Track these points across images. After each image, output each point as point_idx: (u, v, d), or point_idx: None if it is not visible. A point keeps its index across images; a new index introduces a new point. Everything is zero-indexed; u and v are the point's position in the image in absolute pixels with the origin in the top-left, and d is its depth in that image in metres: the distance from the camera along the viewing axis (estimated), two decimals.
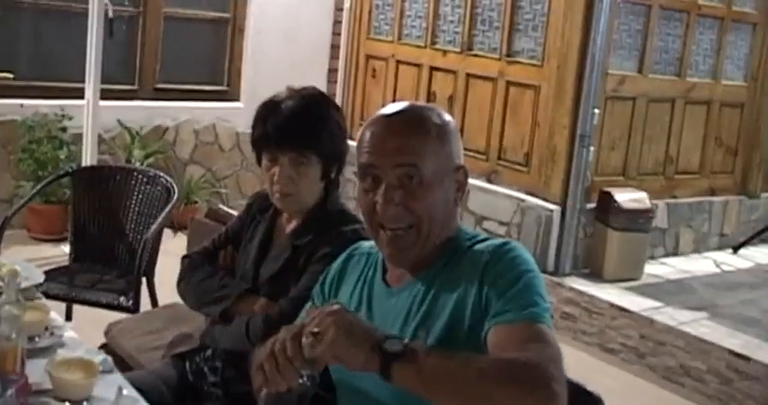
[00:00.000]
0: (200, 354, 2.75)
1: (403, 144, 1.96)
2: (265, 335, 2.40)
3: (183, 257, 2.87)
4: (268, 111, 2.61)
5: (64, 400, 1.98)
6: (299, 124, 2.56)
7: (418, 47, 7.21)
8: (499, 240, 2.00)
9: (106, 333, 3.50)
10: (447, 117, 2.08)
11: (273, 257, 2.66)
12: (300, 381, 1.73)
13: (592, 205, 6.16)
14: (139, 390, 2.25)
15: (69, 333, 2.51)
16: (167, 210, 4.27)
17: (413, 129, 1.99)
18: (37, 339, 2.39)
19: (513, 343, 1.77)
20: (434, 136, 1.99)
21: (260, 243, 2.72)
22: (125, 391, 2.16)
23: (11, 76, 6.52)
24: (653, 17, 6.34)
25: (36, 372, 2.11)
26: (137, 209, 4.51)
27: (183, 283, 2.81)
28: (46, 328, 2.48)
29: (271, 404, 2.10)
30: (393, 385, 1.70)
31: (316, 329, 1.71)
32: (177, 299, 2.94)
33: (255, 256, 2.70)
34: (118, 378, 2.25)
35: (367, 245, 2.20)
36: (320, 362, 1.73)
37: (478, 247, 2.00)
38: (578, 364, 5.31)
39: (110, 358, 2.33)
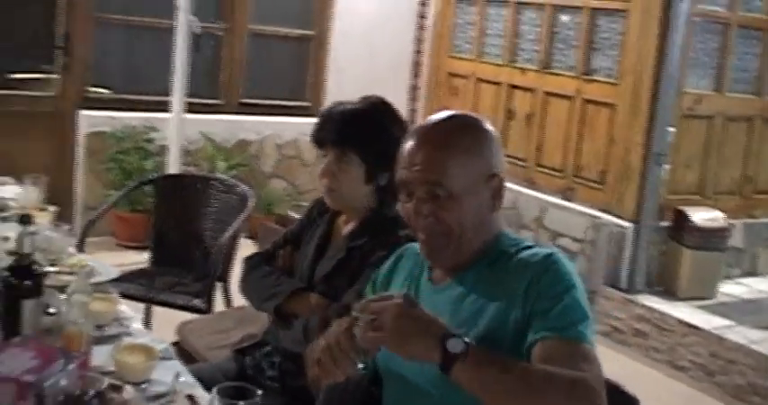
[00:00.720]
0: (260, 349, 2.89)
1: (428, 161, 2.04)
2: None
3: (245, 259, 3.02)
4: (330, 109, 2.76)
5: (125, 382, 2.11)
6: (346, 124, 2.71)
7: (498, 65, 7.31)
8: (545, 250, 2.06)
9: (178, 331, 3.66)
10: (483, 126, 2.13)
11: (329, 258, 2.79)
12: (355, 369, 1.85)
13: (666, 223, 6.16)
14: (199, 379, 2.38)
15: (136, 324, 2.66)
16: (242, 217, 4.42)
17: (440, 144, 2.06)
18: (105, 328, 2.54)
19: (561, 360, 1.84)
20: (463, 149, 2.06)
21: (317, 244, 2.85)
22: (182, 378, 2.30)
23: (108, 92, 6.82)
24: (730, 36, 6.34)
25: (101, 356, 2.26)
26: (214, 216, 4.68)
27: (244, 282, 2.96)
28: (115, 319, 2.63)
29: (329, 396, 2.20)
30: (448, 379, 1.80)
31: (372, 317, 1.82)
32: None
33: (312, 257, 2.83)
34: (176, 364, 2.39)
35: (416, 245, 2.28)
36: (373, 349, 1.86)
37: (524, 255, 2.06)
38: (648, 380, 5.36)
39: (171, 346, 2.48)
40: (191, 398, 2.20)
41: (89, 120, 6.82)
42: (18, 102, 6.71)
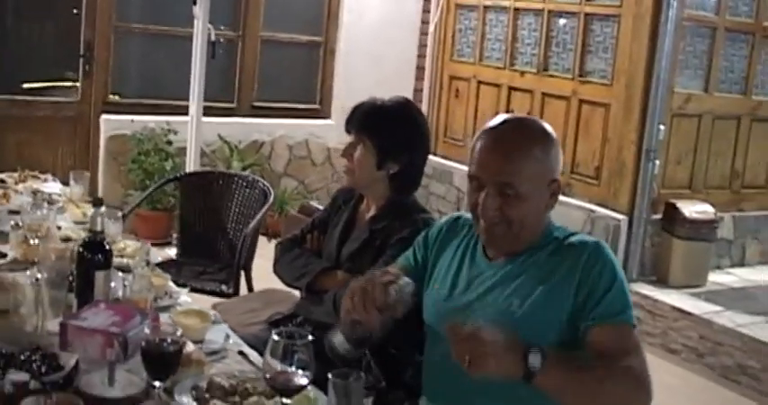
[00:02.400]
0: (292, 321, 3.24)
1: (504, 163, 2.27)
2: None
3: (277, 243, 3.39)
4: (363, 102, 3.17)
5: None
6: (367, 116, 3.11)
7: (498, 68, 7.67)
8: (591, 239, 2.35)
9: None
10: (551, 135, 2.36)
11: (354, 239, 3.15)
12: (379, 323, 2.11)
13: (658, 216, 6.51)
14: None
15: (184, 297, 3.03)
16: (264, 209, 4.79)
17: (515, 148, 2.28)
18: (159, 300, 2.90)
19: (615, 345, 2.16)
20: (534, 156, 2.28)
21: (343, 228, 3.22)
22: (231, 340, 2.67)
23: (117, 98, 7.19)
24: (718, 39, 6.70)
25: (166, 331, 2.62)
26: (236, 210, 5.04)
27: (278, 263, 3.33)
28: (166, 292, 3.00)
29: (346, 330, 2.29)
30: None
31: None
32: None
33: (339, 239, 3.20)
34: (225, 328, 2.76)
35: (470, 216, 2.46)
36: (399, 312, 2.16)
37: (573, 241, 2.33)
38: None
39: (218, 313, 2.85)
40: (241, 353, 2.56)
41: (110, 123, 7.19)
42: (43, 107, 7.11)
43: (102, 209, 2.59)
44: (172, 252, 5.25)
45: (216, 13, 6.69)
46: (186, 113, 6.63)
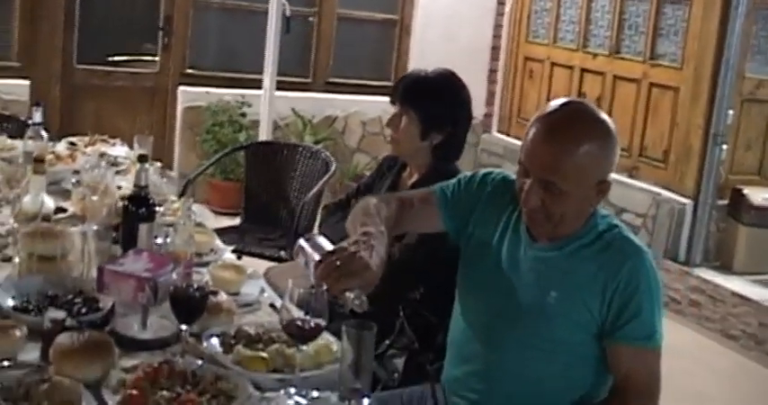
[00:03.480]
0: None
1: (550, 160, 2.21)
2: (384, 272, 3.00)
3: (323, 207, 3.52)
4: (406, 73, 3.29)
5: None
6: (411, 87, 3.21)
7: (571, 50, 7.68)
8: (635, 244, 2.31)
9: (264, 274, 4.14)
10: (610, 133, 2.26)
11: None
12: (350, 294, 2.09)
13: (725, 202, 6.49)
14: None
15: (228, 254, 3.17)
16: (325, 179, 4.93)
17: (564, 145, 2.21)
18: (203, 256, 3.04)
19: (638, 367, 2.26)
20: (584, 154, 2.20)
21: (386, 192, 3.32)
22: (266, 293, 2.80)
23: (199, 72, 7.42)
24: None
25: (201, 276, 2.76)
26: (300, 179, 5.20)
27: (322, 226, 3.45)
28: (211, 249, 3.14)
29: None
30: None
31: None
32: None
33: None
34: (261, 282, 2.89)
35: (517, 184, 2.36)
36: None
37: (618, 242, 2.30)
38: (699, 347, 5.70)
39: (257, 270, 2.98)
40: (272, 306, 2.69)
41: (187, 95, 7.40)
42: (123, 77, 7.34)
43: (147, 165, 2.73)
44: None
45: None
46: (261, 87, 6.75)
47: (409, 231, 2.80)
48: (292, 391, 2.17)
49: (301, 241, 2.27)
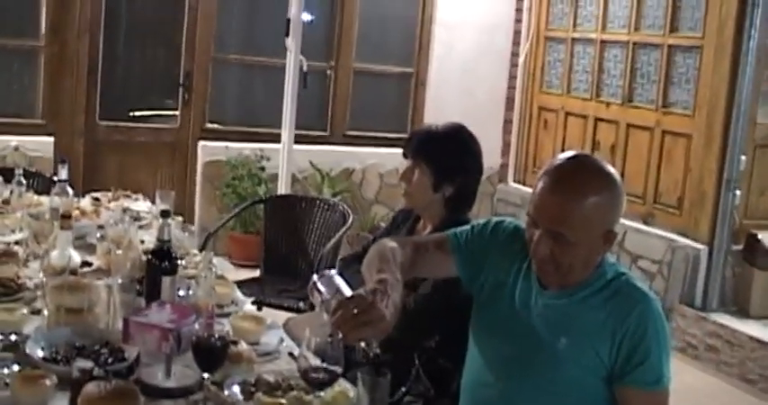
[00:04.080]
0: None
1: (558, 212, 2.29)
2: (401, 322, 3.08)
3: (340, 259, 3.61)
4: (418, 128, 3.40)
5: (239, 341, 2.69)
6: (423, 141, 3.33)
7: (584, 99, 7.80)
8: (642, 290, 2.39)
9: (284, 325, 4.23)
10: (616, 185, 2.34)
11: None
12: (363, 343, 2.16)
13: (740, 247, 6.54)
14: None
15: (248, 306, 3.26)
16: (343, 230, 5.03)
17: (574, 199, 2.28)
18: (225, 307, 3.14)
19: None
20: (591, 206, 2.28)
21: None
22: (285, 343, 2.89)
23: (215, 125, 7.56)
24: None
25: (222, 327, 2.85)
26: (318, 231, 5.30)
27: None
28: (232, 301, 3.23)
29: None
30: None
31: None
32: None
33: None
34: (280, 332, 2.98)
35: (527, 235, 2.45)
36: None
37: (625, 290, 2.38)
38: (718, 392, 5.73)
39: (276, 320, 3.07)
40: (291, 355, 2.77)
41: (207, 150, 7.55)
42: (144, 134, 7.52)
43: (169, 220, 2.84)
44: None
45: (310, 45, 6.95)
46: (279, 141, 6.86)
47: (423, 275, 2.86)
48: None
49: (315, 278, 2.36)
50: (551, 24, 8.26)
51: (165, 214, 2.84)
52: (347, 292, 2.26)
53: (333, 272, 2.40)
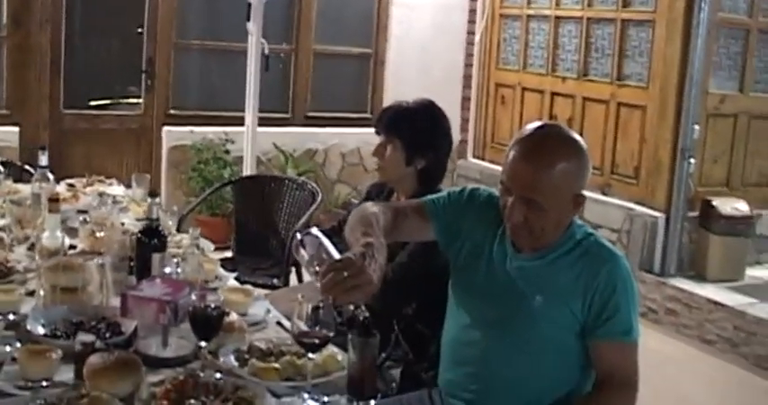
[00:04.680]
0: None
1: (530, 179, 2.43)
2: (380, 291, 3.22)
3: None
4: (388, 105, 3.55)
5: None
6: (393, 117, 3.46)
7: (540, 75, 7.97)
8: (609, 249, 2.57)
9: None
10: (583, 152, 2.50)
11: None
12: (351, 307, 2.32)
13: (695, 214, 6.75)
14: None
15: (232, 281, 3.39)
16: (312, 209, 5.15)
17: (543, 166, 2.43)
18: (209, 283, 3.26)
19: (622, 361, 2.49)
20: (560, 171, 2.43)
21: None
22: (271, 313, 3.02)
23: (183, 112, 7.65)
24: (751, 40, 6.92)
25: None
26: (287, 210, 5.41)
27: None
28: (216, 276, 3.36)
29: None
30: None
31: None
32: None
33: None
34: (266, 304, 3.12)
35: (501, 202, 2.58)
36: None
37: (594, 249, 2.54)
38: (679, 354, 5.94)
39: (262, 292, 3.20)
40: (279, 324, 2.91)
41: (172, 135, 7.65)
42: (109, 120, 7.60)
43: (157, 199, 2.96)
44: (231, 255, 5.62)
45: (270, 29, 7.04)
46: (243, 124, 6.93)
47: (402, 239, 2.98)
48: (306, 396, 2.39)
49: (299, 236, 2.46)
50: (506, 2, 8.42)
51: (153, 194, 2.96)
52: (335, 254, 2.36)
53: (317, 231, 2.49)
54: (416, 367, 3.23)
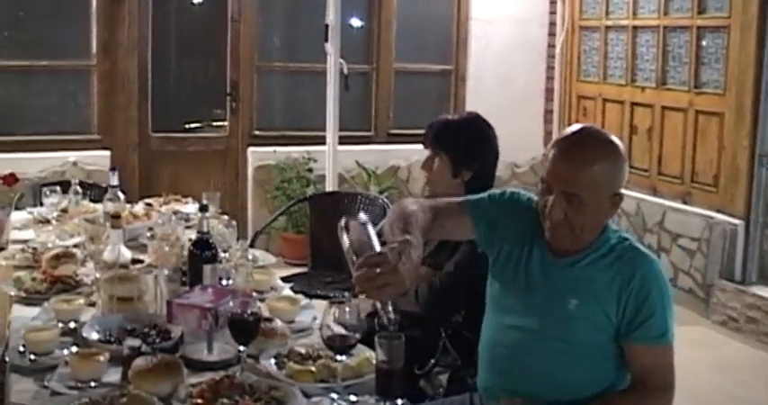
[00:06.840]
0: None
1: (571, 175, 2.51)
2: (428, 299, 3.33)
3: None
4: (435, 120, 3.67)
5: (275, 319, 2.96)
6: (440, 131, 3.58)
7: (620, 85, 7.98)
8: (644, 253, 2.61)
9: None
10: (619, 151, 2.58)
11: (432, 240, 3.57)
12: (380, 304, 2.39)
13: None
14: None
15: (287, 291, 3.54)
16: (382, 222, 5.25)
17: (584, 163, 2.51)
18: (264, 293, 3.41)
19: (655, 362, 2.55)
20: (601, 172, 2.51)
21: None
22: (317, 321, 3.15)
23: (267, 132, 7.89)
24: None
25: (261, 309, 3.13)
26: None
27: None
28: (271, 287, 3.52)
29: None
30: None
31: None
32: None
33: None
34: (313, 311, 3.25)
35: (535, 199, 2.69)
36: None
37: (629, 253, 2.60)
38: (762, 363, 5.88)
39: (311, 301, 3.34)
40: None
41: (256, 155, 7.89)
42: (195, 143, 7.90)
43: (208, 213, 3.13)
44: None
45: (349, 49, 7.22)
46: (325, 143, 7.05)
47: (440, 237, 3.10)
48: (334, 396, 2.52)
49: (345, 219, 2.56)
50: (584, 13, 8.46)
51: (203, 209, 3.13)
52: (376, 245, 2.43)
53: (364, 217, 2.58)
54: (463, 372, 3.32)
